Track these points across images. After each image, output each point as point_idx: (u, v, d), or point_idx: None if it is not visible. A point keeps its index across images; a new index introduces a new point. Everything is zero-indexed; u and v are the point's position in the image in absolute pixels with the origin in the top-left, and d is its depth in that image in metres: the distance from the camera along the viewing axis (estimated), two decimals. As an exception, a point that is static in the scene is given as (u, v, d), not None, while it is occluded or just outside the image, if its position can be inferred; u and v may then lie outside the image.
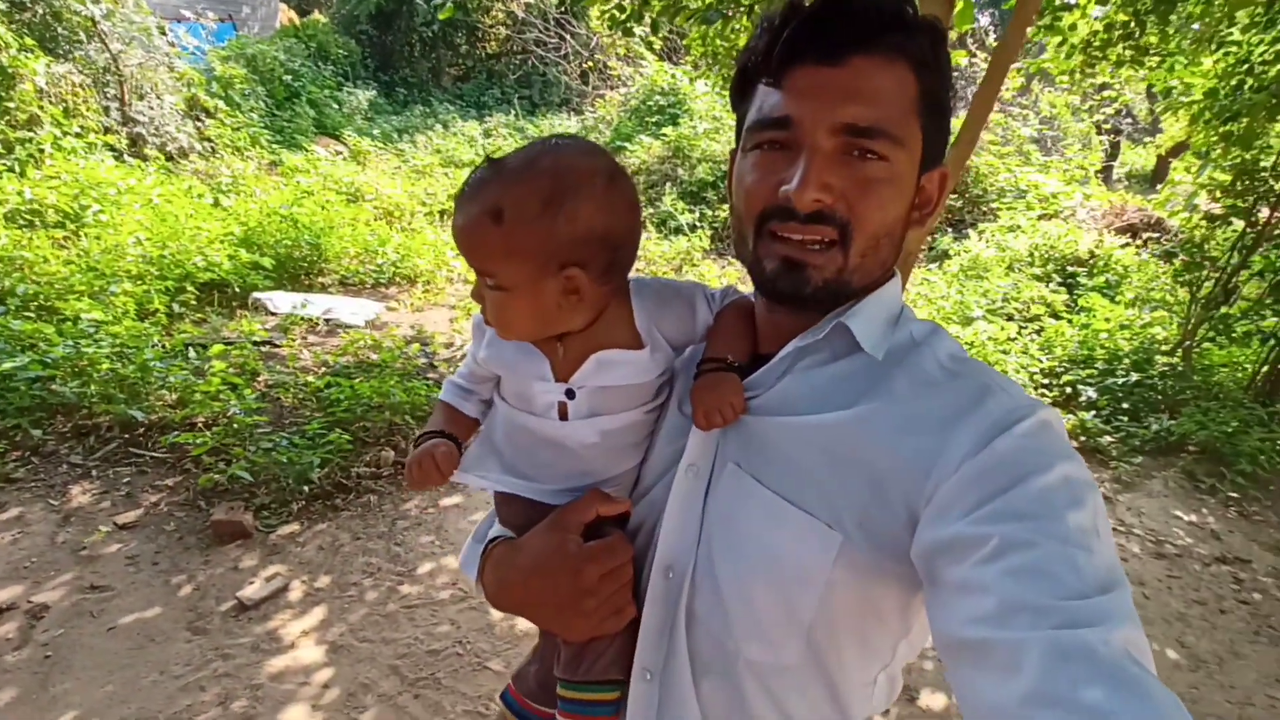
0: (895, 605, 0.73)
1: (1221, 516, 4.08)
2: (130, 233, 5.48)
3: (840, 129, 0.69)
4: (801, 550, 0.71)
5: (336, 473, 3.61)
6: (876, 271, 0.77)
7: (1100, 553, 0.58)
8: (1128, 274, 6.98)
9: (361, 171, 9.41)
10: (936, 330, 0.81)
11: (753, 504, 0.75)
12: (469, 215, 0.76)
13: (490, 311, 0.81)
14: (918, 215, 0.78)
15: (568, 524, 0.84)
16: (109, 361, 3.89)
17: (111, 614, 2.73)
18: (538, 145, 0.78)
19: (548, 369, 0.85)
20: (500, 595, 0.88)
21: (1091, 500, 0.63)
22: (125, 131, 7.99)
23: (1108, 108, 10.30)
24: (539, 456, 0.89)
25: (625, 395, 0.86)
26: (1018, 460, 0.63)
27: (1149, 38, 4.02)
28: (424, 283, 6.77)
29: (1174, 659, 2.97)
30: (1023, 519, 0.59)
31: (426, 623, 2.83)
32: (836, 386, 0.76)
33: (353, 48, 13.71)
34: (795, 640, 0.73)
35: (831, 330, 0.77)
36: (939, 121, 0.75)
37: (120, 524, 3.20)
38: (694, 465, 0.81)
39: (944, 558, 0.62)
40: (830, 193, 0.70)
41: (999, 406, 0.68)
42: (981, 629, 0.56)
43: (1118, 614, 0.54)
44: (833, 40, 0.69)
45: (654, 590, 0.81)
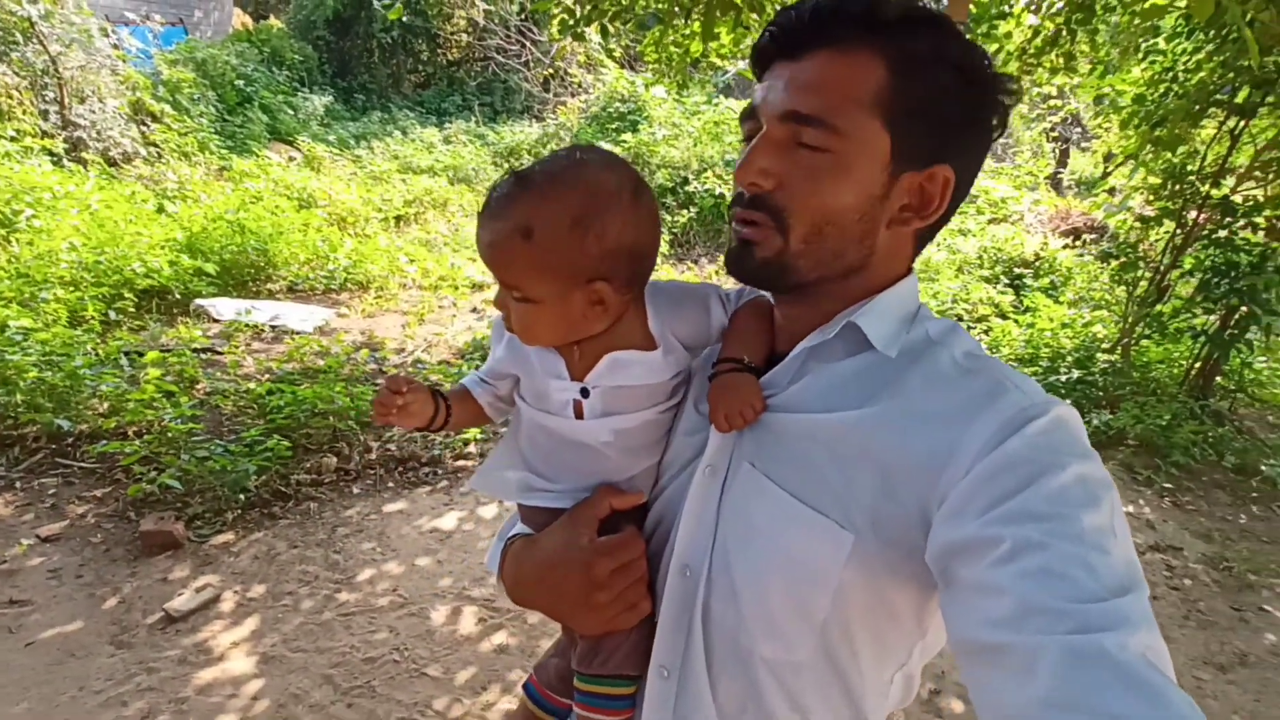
0: (910, 606, 0.73)
1: (1157, 506, 4.20)
2: (65, 238, 5.30)
3: (786, 116, 0.71)
4: (813, 549, 0.71)
5: (275, 480, 3.53)
6: (831, 262, 0.76)
7: (1116, 553, 0.58)
8: (1070, 275, 7.17)
9: (315, 177, 9.26)
10: (955, 329, 0.80)
11: (766, 503, 0.75)
12: (497, 231, 0.77)
13: (515, 321, 0.82)
14: (909, 215, 0.76)
15: (581, 519, 0.86)
16: (36, 369, 3.76)
17: (30, 629, 2.63)
18: (562, 158, 0.79)
19: (563, 367, 0.86)
20: (517, 589, 0.90)
21: (1107, 499, 0.62)
22: (64, 135, 7.75)
23: (1054, 116, 10.57)
24: (558, 456, 0.91)
25: (639, 395, 0.87)
26: (1031, 459, 0.63)
27: (1079, 46, 4.13)
28: (376, 289, 6.68)
29: (1107, 647, 3.03)
30: (1037, 520, 0.59)
31: (363, 630, 2.77)
32: (849, 385, 0.76)
33: (309, 53, 13.48)
34: (809, 638, 0.73)
35: (843, 329, 0.77)
36: (922, 119, 0.72)
37: (43, 536, 3.09)
38: (711, 465, 0.81)
39: (958, 559, 0.61)
40: (768, 177, 0.72)
41: (1012, 404, 0.67)
42: (997, 632, 0.55)
43: (1134, 617, 0.54)
44: (797, 36, 0.72)
45: (671, 589, 0.82)
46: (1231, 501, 4.32)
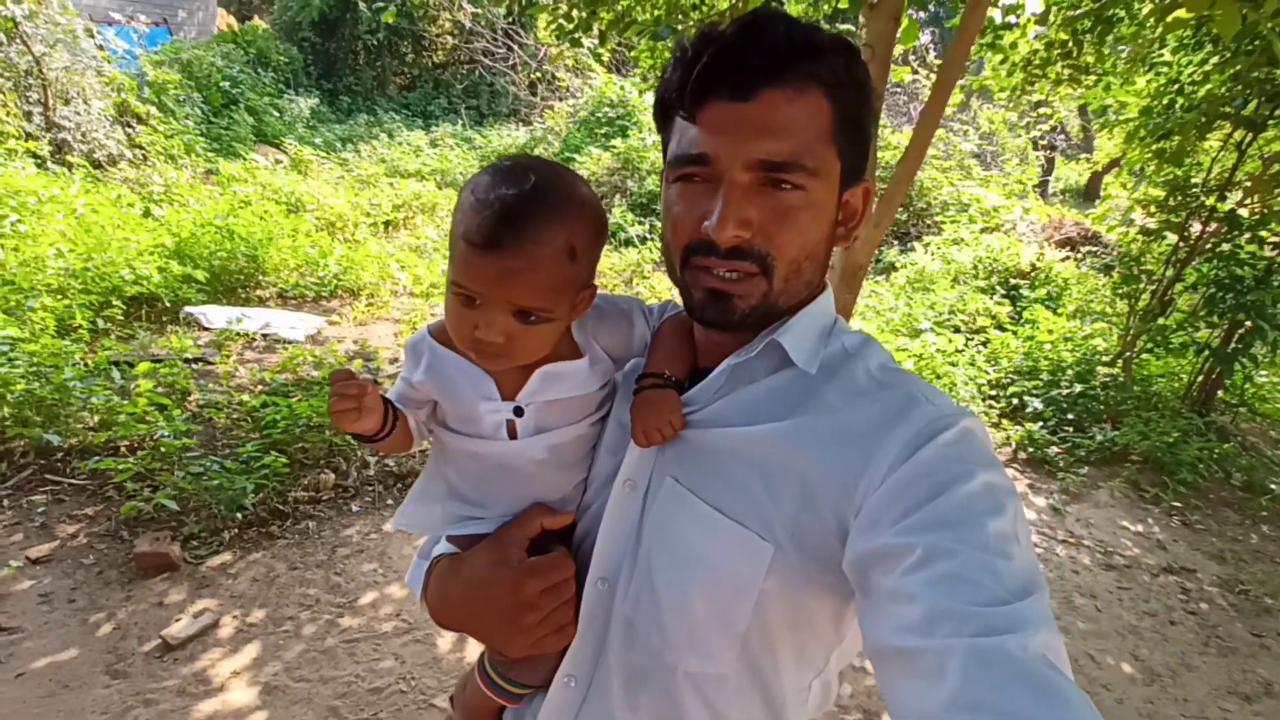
0: (829, 614, 0.75)
1: (1166, 526, 4.18)
2: (51, 244, 5.15)
3: (755, 164, 0.70)
4: (735, 561, 0.73)
5: (272, 498, 3.42)
6: (803, 291, 0.79)
7: (1019, 558, 0.60)
8: (1068, 286, 7.18)
9: (303, 181, 9.11)
10: (868, 341, 0.83)
11: (688, 516, 0.76)
12: (535, 256, 0.74)
13: (515, 344, 0.78)
14: (843, 231, 0.80)
15: (511, 539, 0.85)
16: (24, 382, 3.62)
17: (21, 658, 2.51)
18: (545, 169, 0.77)
19: (493, 388, 0.85)
20: (442, 611, 0.89)
21: (1011, 506, 0.64)
22: (48, 138, 7.58)
23: (1044, 124, 10.64)
24: (490, 482, 0.89)
25: (571, 408, 0.87)
26: (941, 469, 0.65)
27: (1086, 57, 4.13)
28: (368, 296, 6.56)
29: (1129, 673, 2.99)
30: (946, 528, 0.61)
31: (368, 658, 2.68)
32: (771, 400, 0.78)
33: (294, 55, 13.34)
34: (731, 650, 0.74)
35: (765, 347, 0.79)
36: (857, 139, 0.76)
37: (33, 558, 2.96)
38: (630, 480, 0.82)
39: (873, 568, 0.63)
40: (749, 227, 0.71)
41: (923, 416, 0.70)
42: (908, 637, 0.57)
43: (1035, 619, 0.55)
44: (743, 74, 0.69)
45: (587, 600, 0.83)
46: (1241, 521, 4.32)
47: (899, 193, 3.68)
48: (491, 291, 0.75)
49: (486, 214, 0.72)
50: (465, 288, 0.75)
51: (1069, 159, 17.32)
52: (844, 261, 3.69)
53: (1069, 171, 16.92)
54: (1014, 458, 4.84)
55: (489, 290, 0.75)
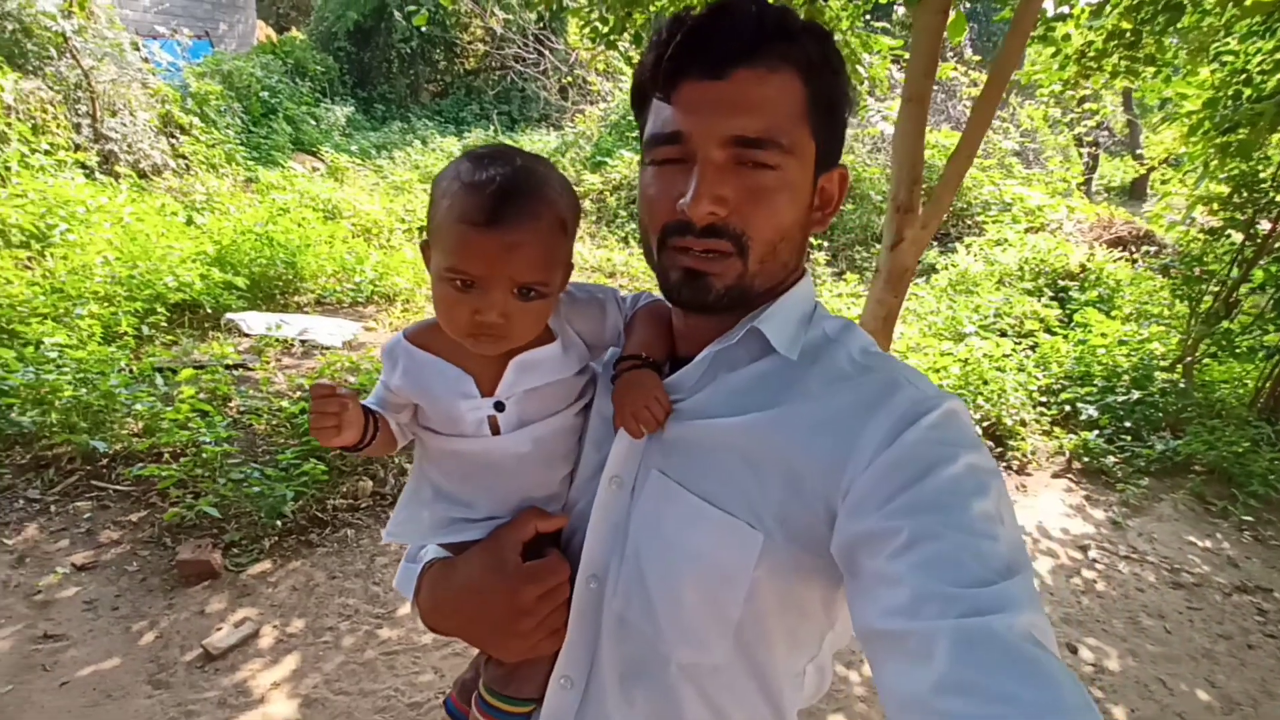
0: (819, 599, 0.75)
1: (1236, 541, 3.97)
2: (99, 252, 5.24)
3: (729, 141, 0.71)
4: (725, 551, 0.73)
5: (311, 505, 3.40)
6: (780, 274, 0.79)
7: (1003, 538, 0.60)
8: (1120, 288, 6.91)
9: (339, 188, 9.20)
10: (849, 326, 0.83)
11: (676, 508, 0.76)
12: (533, 230, 0.76)
13: (517, 324, 0.80)
14: (819, 215, 0.80)
15: (505, 543, 0.84)
16: (71, 388, 3.66)
17: (66, 666, 2.51)
18: (514, 154, 0.79)
19: (472, 385, 0.85)
20: (435, 616, 0.89)
21: (995, 486, 0.65)
22: (96, 149, 7.73)
23: (1088, 120, 10.33)
24: (476, 481, 0.89)
25: (550, 396, 0.87)
26: (925, 452, 0.65)
27: (1147, 48, 3.95)
28: (403, 301, 6.57)
29: (1205, 700, 2.82)
30: (931, 510, 0.61)
31: (408, 671, 2.63)
32: (753, 388, 0.78)
33: (330, 64, 13.51)
34: (724, 639, 0.74)
35: (746, 334, 0.78)
36: (832, 123, 0.76)
37: (78, 565, 2.97)
38: (617, 476, 0.81)
39: (861, 551, 0.64)
40: (724, 205, 0.71)
41: (906, 399, 0.70)
42: (895, 620, 0.57)
43: (1020, 598, 0.56)
44: (716, 54, 0.70)
45: (578, 599, 0.82)
46: (1318, 537, 4.09)
47: (948, 193, 3.55)
48: (493, 270, 0.75)
49: (485, 193, 0.74)
50: (464, 271, 0.76)
51: (1113, 156, 16.84)
52: (890, 264, 3.57)
53: (1112, 169, 16.46)
54: (1068, 468, 4.65)
55: (490, 269, 0.75)
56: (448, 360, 0.86)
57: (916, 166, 3.41)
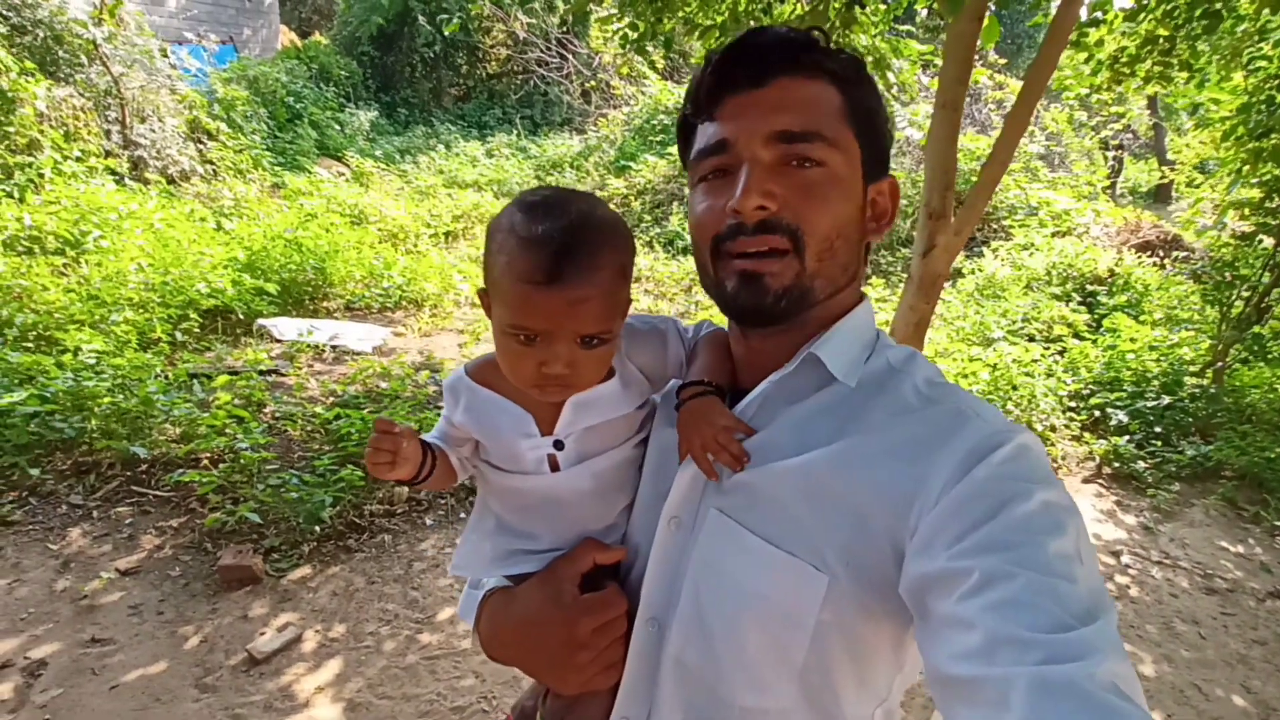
0: (888, 641, 0.73)
1: (1269, 547, 3.93)
2: (132, 259, 5.34)
3: (774, 137, 0.72)
4: (788, 593, 0.71)
5: (349, 511, 3.45)
6: (839, 276, 0.77)
7: (1082, 581, 0.58)
8: (1148, 292, 6.85)
9: (365, 193, 9.29)
10: (914, 356, 0.81)
11: (737, 550, 0.74)
12: (598, 282, 0.75)
13: (582, 370, 0.79)
14: (874, 226, 0.80)
15: (563, 575, 0.85)
16: (110, 395, 3.74)
17: (114, 670, 2.56)
18: (568, 197, 0.79)
19: (532, 424, 0.85)
20: (494, 646, 0.89)
21: (1073, 525, 0.62)
22: (126, 155, 7.86)
23: (1114, 124, 10.24)
24: (534, 514, 0.89)
25: (610, 432, 0.87)
26: (997, 489, 0.63)
27: (1181, 53, 3.92)
28: (431, 306, 6.63)
29: (1241, 706, 2.80)
30: (1004, 549, 0.59)
31: (449, 676, 2.67)
32: (814, 422, 0.76)
33: (354, 69, 13.64)
34: (789, 684, 0.72)
35: (803, 362, 0.77)
36: (873, 134, 0.77)
37: (122, 569, 3.03)
38: (676, 517, 0.80)
39: (930, 592, 0.61)
40: (774, 199, 0.71)
41: (975, 433, 0.68)
42: (969, 665, 0.55)
43: (1102, 645, 0.53)
44: (756, 65, 0.74)
45: (636, 640, 0.81)
46: (1352, 543, 4.04)
47: (982, 199, 3.54)
48: (557, 326, 0.75)
49: (544, 251, 0.73)
50: (527, 327, 0.76)
51: (1137, 159, 16.67)
52: (922, 271, 3.57)
53: (1137, 172, 16.28)
54: (1098, 473, 4.62)
55: (555, 325, 0.75)
56: (509, 398, 0.86)
57: (949, 172, 3.41)
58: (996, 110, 10.90)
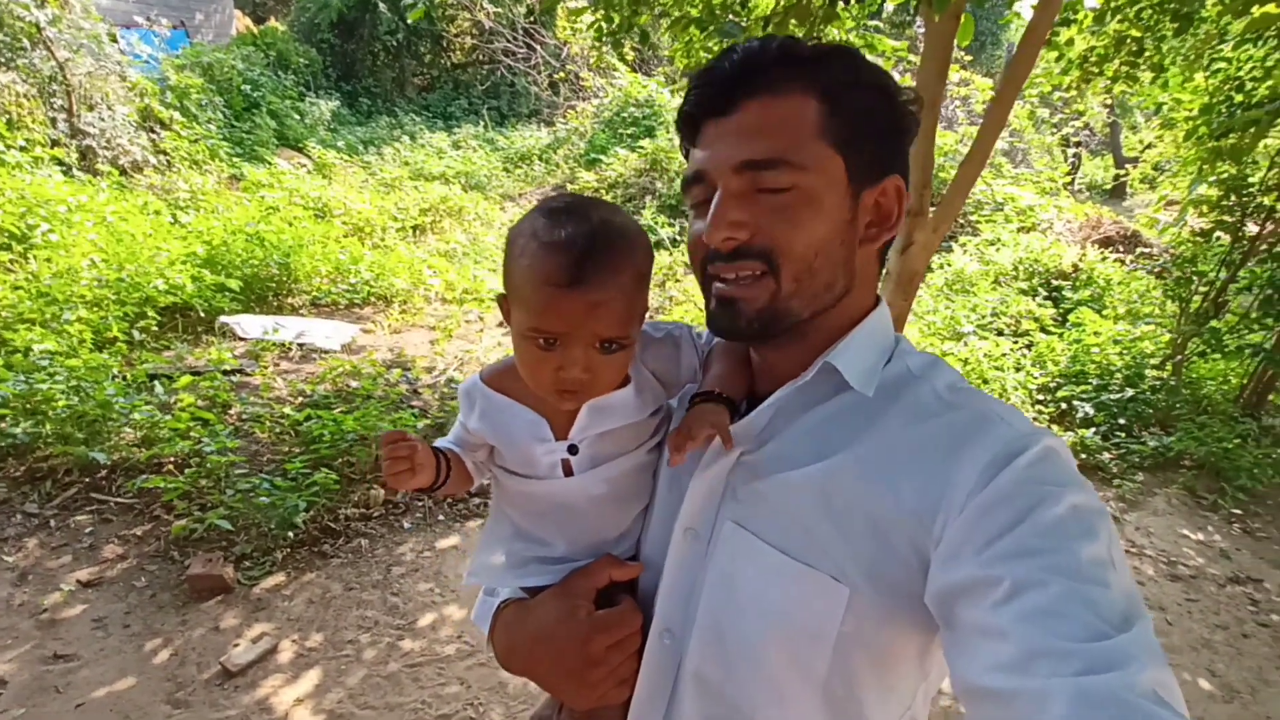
0: (913, 651, 0.71)
1: (1227, 534, 4.06)
2: (84, 254, 5.12)
3: (740, 167, 0.71)
4: (809, 606, 0.70)
5: (323, 516, 3.36)
6: (823, 294, 0.75)
7: (1116, 586, 0.56)
8: (1110, 287, 7.02)
9: (328, 185, 9.06)
10: (936, 362, 0.79)
11: (755, 562, 0.73)
12: (618, 286, 0.76)
13: (600, 376, 0.79)
14: (876, 231, 0.77)
15: (578, 591, 0.84)
16: (65, 398, 3.58)
17: (80, 687, 2.46)
18: (588, 202, 0.79)
19: (547, 429, 0.86)
20: (509, 658, 0.88)
21: (1104, 529, 0.60)
22: (75, 144, 7.55)
23: (1075, 121, 10.47)
24: (551, 520, 0.89)
25: (624, 437, 0.87)
26: (1024, 493, 0.61)
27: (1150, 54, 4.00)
28: (400, 302, 6.50)
29: (1207, 689, 2.89)
30: (1034, 555, 0.57)
31: (433, 683, 2.61)
32: (829, 430, 0.75)
33: (314, 57, 13.29)
34: (811, 698, 0.71)
35: (819, 371, 0.75)
36: (870, 136, 0.74)
37: (84, 581, 2.91)
38: (691, 528, 0.79)
39: (958, 601, 0.60)
40: (742, 229, 0.71)
41: (1000, 437, 0.66)
42: (1002, 677, 0.54)
43: (1141, 653, 0.52)
44: (723, 91, 0.73)
45: (650, 653, 0.81)
46: (1305, 528, 4.20)
47: (959, 197, 3.57)
48: (577, 329, 0.75)
49: (566, 254, 0.73)
50: (547, 330, 0.76)
51: (1094, 155, 17.09)
52: (900, 268, 3.59)
53: (1093, 168, 16.70)
54: (1066, 465, 4.73)
55: (575, 328, 0.75)
56: (523, 404, 0.87)
57: (927, 170, 3.42)
58: (963, 107, 11.06)
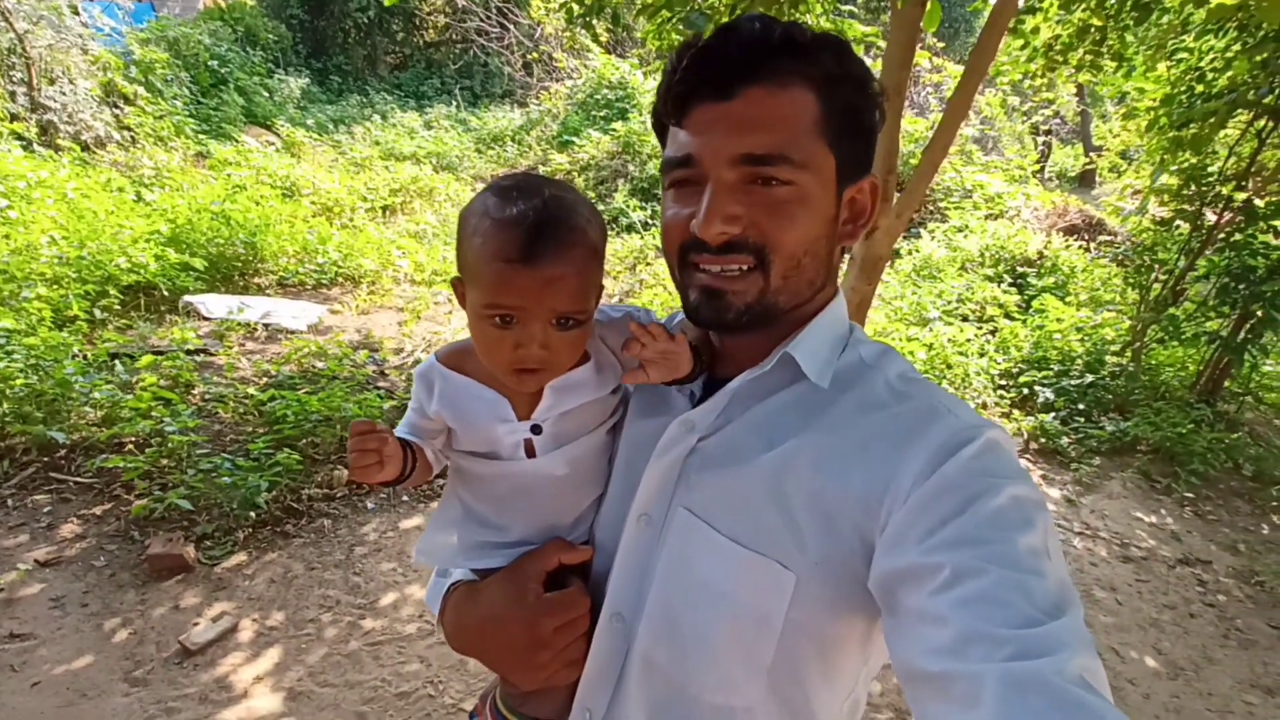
0: (857, 637, 0.73)
1: (1179, 517, 4.18)
2: (43, 230, 5.00)
3: (739, 159, 0.70)
4: (756, 592, 0.71)
5: (286, 496, 3.35)
6: (805, 290, 0.77)
7: (1050, 575, 0.58)
8: (1074, 274, 7.14)
9: (296, 164, 8.91)
10: (887, 352, 0.81)
11: (705, 549, 0.74)
12: (572, 261, 0.76)
13: (558, 352, 0.80)
14: (850, 229, 0.78)
15: (528, 573, 0.85)
16: (23, 376, 3.52)
17: (36, 666, 2.44)
18: (551, 184, 0.79)
19: (509, 409, 0.86)
20: (457, 639, 0.89)
21: (1041, 520, 0.62)
22: (34, 119, 7.36)
23: (1045, 109, 10.58)
24: (509, 503, 0.89)
25: (585, 416, 0.88)
26: (966, 484, 0.63)
27: (1113, 43, 4.06)
28: (369, 283, 6.44)
29: (1153, 667, 2.99)
30: (974, 545, 0.59)
31: (393, 661, 2.63)
32: (780, 419, 0.76)
33: (283, 32, 13.03)
34: (757, 681, 0.73)
35: (778, 361, 0.76)
36: (855, 134, 0.74)
37: (41, 560, 2.88)
38: (645, 514, 0.80)
39: (901, 587, 0.62)
40: (737, 223, 0.70)
41: (945, 429, 0.68)
42: (940, 661, 0.56)
43: (1070, 640, 0.54)
44: (723, 74, 0.70)
45: (600, 636, 0.82)
46: (1252, 511, 4.33)
47: (923, 182, 3.61)
48: (533, 304, 0.76)
49: (519, 230, 0.74)
50: (504, 306, 0.76)
51: (1064, 144, 17.29)
52: (864, 253, 3.63)
53: (1063, 156, 16.90)
54: (1026, 448, 4.83)
55: (531, 303, 0.76)
56: (484, 383, 0.86)
57: (891, 156, 3.46)
58: (935, 94, 11.13)
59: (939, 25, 3.67)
